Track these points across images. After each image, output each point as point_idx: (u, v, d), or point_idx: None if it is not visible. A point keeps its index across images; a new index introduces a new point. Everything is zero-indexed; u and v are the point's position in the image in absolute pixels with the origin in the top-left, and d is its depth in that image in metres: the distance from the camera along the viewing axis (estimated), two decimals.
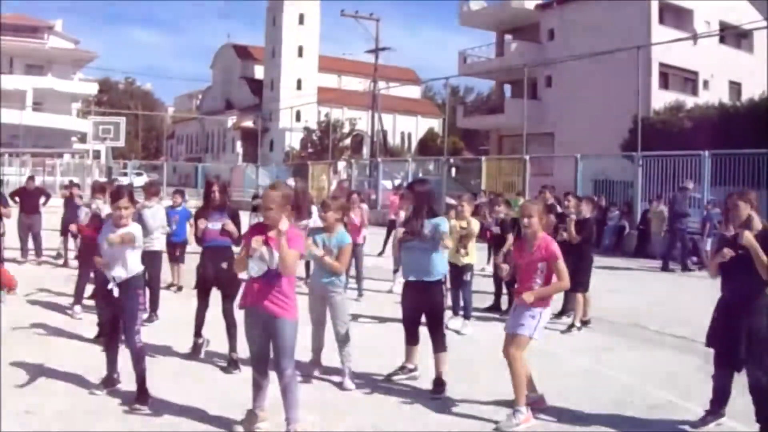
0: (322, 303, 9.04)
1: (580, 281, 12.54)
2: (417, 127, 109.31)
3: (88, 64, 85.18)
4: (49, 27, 79.80)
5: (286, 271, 6.67)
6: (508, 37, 60.13)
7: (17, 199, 19.56)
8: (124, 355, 8.16)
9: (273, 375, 7.01)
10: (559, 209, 13.75)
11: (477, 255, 12.81)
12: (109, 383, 8.20)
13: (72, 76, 79.34)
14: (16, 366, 8.99)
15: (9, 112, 65.47)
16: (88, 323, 11.58)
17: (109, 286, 7.92)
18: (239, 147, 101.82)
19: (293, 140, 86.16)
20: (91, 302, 12.49)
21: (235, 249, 8.58)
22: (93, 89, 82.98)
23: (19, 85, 71.36)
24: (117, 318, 8.02)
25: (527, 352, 7.81)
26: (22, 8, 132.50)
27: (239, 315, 7.54)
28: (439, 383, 8.56)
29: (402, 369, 9.11)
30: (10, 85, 69.76)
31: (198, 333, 9.89)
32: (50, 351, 9.95)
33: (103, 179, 35.48)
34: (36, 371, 8.86)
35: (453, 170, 40.71)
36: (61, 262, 19.00)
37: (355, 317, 11.66)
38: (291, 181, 7.26)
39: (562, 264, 7.66)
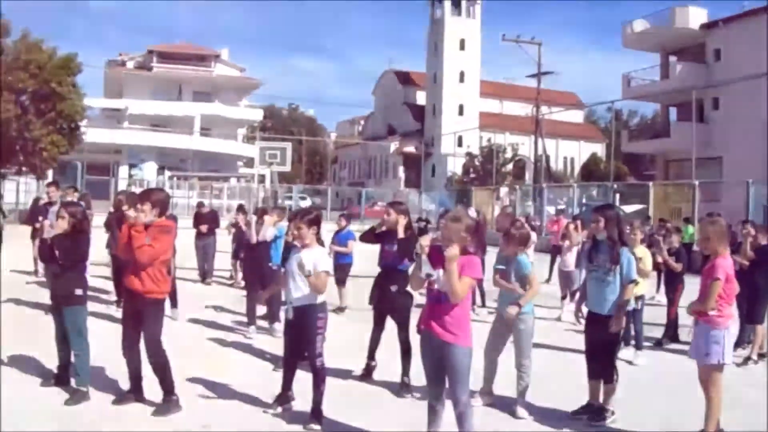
0: (507, 331, 8.98)
1: (755, 312, 12.19)
2: (580, 151, 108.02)
3: (254, 91, 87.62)
4: (216, 55, 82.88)
5: (453, 297, 6.59)
6: (672, 58, 58.92)
7: (203, 227, 20.11)
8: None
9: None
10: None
11: (647, 283, 12.58)
12: (283, 401, 8.37)
13: (238, 103, 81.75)
14: (192, 382, 9.28)
15: (179, 137, 67.98)
16: (261, 343, 11.95)
17: (285, 309, 8.10)
18: (401, 172, 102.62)
19: (455, 165, 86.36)
20: (264, 323, 12.92)
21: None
22: (258, 115, 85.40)
23: (188, 111, 74.12)
24: (296, 339, 8.17)
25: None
26: (190, 38, 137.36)
27: (415, 339, 7.58)
28: (600, 410, 8.44)
29: (588, 407, 8.67)
30: (180, 112, 72.58)
31: (371, 356, 9.99)
32: (224, 368, 10.25)
33: (269, 203, 36.34)
34: (211, 388, 9.17)
35: (617, 196, 40.04)
36: (232, 282, 19.66)
37: None
38: (473, 212, 7.24)
39: (714, 284, 7.50)
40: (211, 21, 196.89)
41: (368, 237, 10.22)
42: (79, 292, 8.63)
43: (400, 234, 9.57)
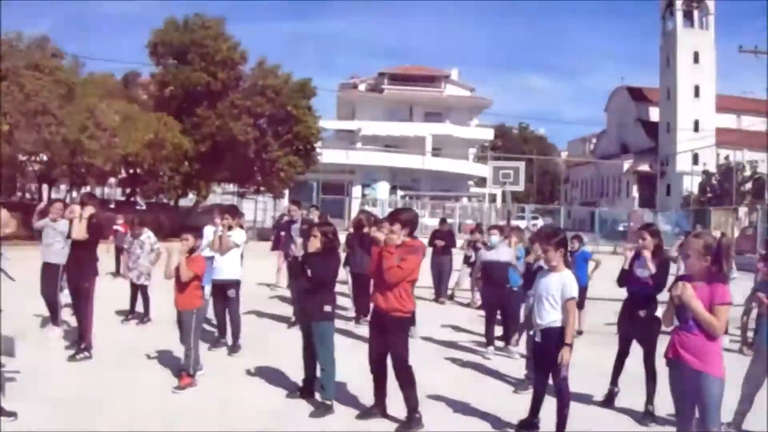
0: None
1: None
2: None
3: (484, 111, 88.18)
4: (446, 76, 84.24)
5: (714, 332, 6.36)
6: None
7: (439, 242, 20.16)
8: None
9: None
10: None
11: None
12: (529, 426, 8.30)
13: (468, 123, 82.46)
14: (433, 399, 9.34)
15: (411, 157, 69.33)
16: (499, 364, 11.97)
17: (531, 332, 8.05)
18: (635, 191, 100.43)
19: (692, 184, 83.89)
20: (501, 344, 12.91)
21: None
22: (489, 135, 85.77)
23: (419, 131, 75.52)
24: (544, 362, 8.04)
25: None
26: (420, 59, 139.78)
27: (661, 366, 7.36)
28: None
29: None
30: (411, 132, 74.14)
31: (614, 381, 9.76)
32: (464, 388, 10.26)
33: (502, 222, 36.44)
34: (452, 407, 9.24)
35: None
36: (468, 302, 19.70)
37: None
38: (717, 233, 6.97)
39: None
40: (441, 42, 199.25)
41: (625, 279, 9.83)
42: (328, 308, 8.93)
43: (649, 258, 9.35)
